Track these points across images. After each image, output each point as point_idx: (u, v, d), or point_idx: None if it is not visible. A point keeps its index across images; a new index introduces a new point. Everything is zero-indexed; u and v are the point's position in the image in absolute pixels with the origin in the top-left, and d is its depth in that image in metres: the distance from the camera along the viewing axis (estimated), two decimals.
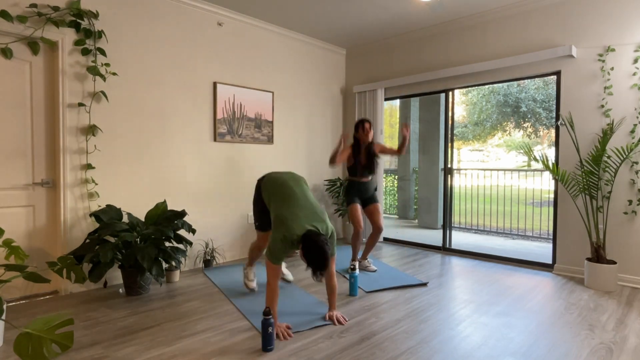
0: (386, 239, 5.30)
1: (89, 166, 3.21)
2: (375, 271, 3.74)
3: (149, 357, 2.12)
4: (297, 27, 4.65)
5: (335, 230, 2.54)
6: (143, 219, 3.48)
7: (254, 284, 3.18)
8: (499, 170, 6.29)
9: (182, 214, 3.29)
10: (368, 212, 3.79)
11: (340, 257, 4.34)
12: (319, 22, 4.48)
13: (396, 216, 7.97)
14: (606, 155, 3.36)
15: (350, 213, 3.70)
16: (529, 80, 5.60)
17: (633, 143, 3.23)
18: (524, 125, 10.93)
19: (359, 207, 3.71)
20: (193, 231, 3.39)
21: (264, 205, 2.83)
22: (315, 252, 2.24)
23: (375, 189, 3.85)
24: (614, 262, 3.28)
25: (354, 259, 3.77)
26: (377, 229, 3.76)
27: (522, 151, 3.64)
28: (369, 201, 3.78)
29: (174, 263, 3.36)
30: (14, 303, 2.92)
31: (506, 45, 4.06)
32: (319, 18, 4.35)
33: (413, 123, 7.34)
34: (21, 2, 2.89)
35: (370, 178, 3.79)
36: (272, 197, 2.65)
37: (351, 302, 2.95)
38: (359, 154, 3.69)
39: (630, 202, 3.37)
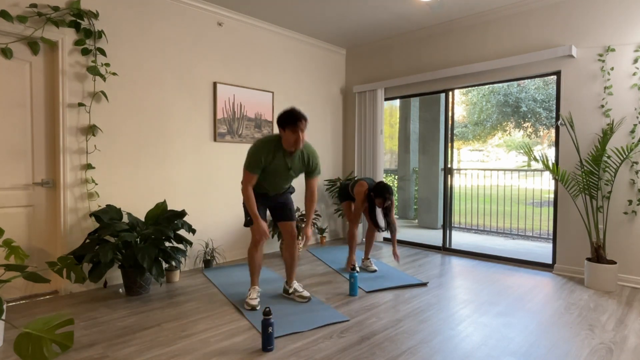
0: (386, 239, 5.30)
1: (89, 166, 3.21)
2: (375, 271, 3.74)
3: (149, 357, 2.12)
4: (297, 27, 4.64)
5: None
6: (143, 219, 3.48)
7: (256, 302, 2.82)
8: (499, 170, 6.29)
9: (182, 214, 3.29)
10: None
11: (340, 257, 4.35)
12: (319, 22, 4.48)
13: (396, 216, 7.97)
14: (606, 155, 3.36)
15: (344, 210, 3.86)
16: (529, 80, 5.60)
17: (633, 143, 3.23)
18: (524, 125, 10.92)
19: (351, 204, 3.80)
20: (193, 231, 3.39)
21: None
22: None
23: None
24: (614, 262, 3.28)
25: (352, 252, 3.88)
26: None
27: (522, 151, 3.63)
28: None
29: (174, 263, 3.36)
30: (14, 303, 2.92)
31: (506, 45, 4.06)
32: (319, 18, 4.35)
33: (413, 123, 7.34)
34: (21, 2, 2.89)
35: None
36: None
37: (351, 302, 2.95)
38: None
39: (630, 202, 3.37)
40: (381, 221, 3.61)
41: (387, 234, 5.54)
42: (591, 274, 3.30)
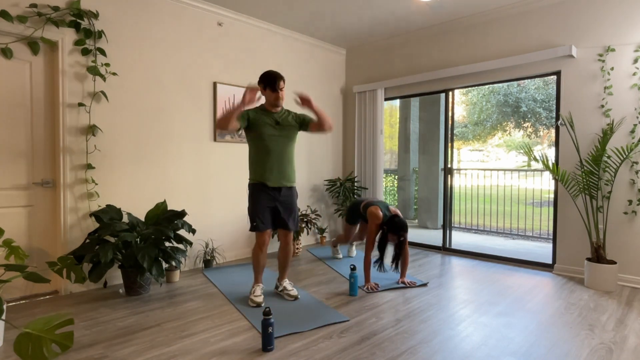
0: None
1: (89, 166, 3.21)
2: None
3: (149, 357, 2.12)
4: (297, 27, 4.64)
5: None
6: (143, 219, 3.48)
7: (260, 299, 2.88)
8: (499, 170, 6.29)
9: (182, 214, 3.29)
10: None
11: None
12: (319, 22, 4.48)
13: None
14: (606, 155, 3.36)
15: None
16: (529, 80, 5.60)
17: (633, 143, 3.23)
18: (524, 125, 10.92)
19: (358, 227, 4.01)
20: (193, 231, 3.39)
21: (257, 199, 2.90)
22: None
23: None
24: (614, 262, 3.28)
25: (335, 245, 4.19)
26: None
27: (522, 151, 3.64)
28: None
29: (174, 263, 3.36)
30: (14, 303, 2.92)
31: (506, 45, 4.06)
32: (319, 18, 4.35)
33: (413, 123, 7.34)
34: (21, 2, 2.89)
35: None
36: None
37: (351, 302, 2.95)
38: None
39: (630, 202, 3.37)
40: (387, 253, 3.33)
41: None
42: (591, 274, 3.30)
